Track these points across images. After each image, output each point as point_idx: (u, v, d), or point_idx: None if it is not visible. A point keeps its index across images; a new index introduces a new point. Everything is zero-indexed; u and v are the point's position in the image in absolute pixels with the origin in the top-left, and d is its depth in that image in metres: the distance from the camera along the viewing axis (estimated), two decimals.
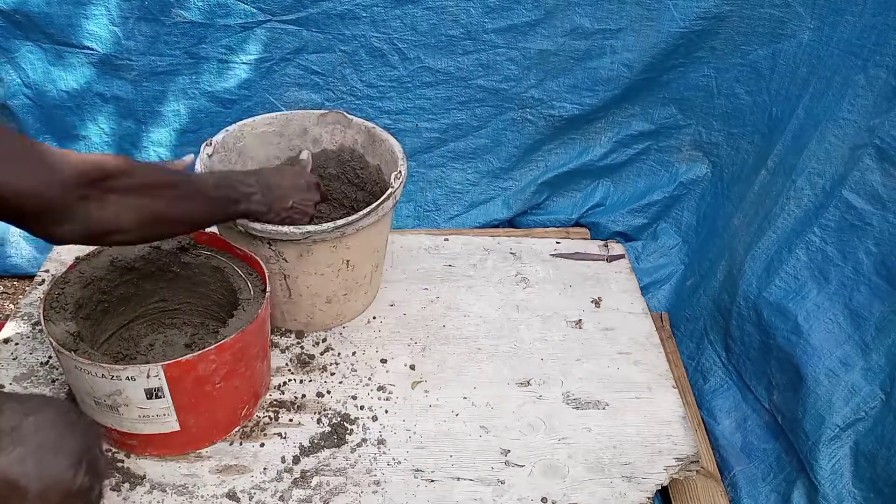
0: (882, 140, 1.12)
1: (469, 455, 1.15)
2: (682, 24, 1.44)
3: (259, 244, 1.18)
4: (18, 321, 1.32)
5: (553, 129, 1.64)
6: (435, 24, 1.49)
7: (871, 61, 1.17)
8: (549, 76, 1.56)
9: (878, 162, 1.13)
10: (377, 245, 1.28)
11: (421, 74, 1.56)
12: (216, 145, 1.31)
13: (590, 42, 1.51)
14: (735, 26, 1.44)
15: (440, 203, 1.73)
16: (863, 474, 1.08)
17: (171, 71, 1.54)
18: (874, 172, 1.13)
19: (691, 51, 1.49)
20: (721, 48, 1.48)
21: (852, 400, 1.12)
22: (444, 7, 1.47)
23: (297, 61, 1.55)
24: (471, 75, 1.56)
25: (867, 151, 1.14)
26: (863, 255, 1.15)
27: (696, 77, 1.54)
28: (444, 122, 1.63)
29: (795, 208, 1.29)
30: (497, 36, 1.51)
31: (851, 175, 1.17)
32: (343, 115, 1.39)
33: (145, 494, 1.05)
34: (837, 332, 1.18)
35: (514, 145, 1.67)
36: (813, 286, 1.23)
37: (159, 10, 1.45)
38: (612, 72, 1.53)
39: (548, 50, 1.52)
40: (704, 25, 1.44)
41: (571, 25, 1.49)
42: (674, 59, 1.51)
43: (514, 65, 1.55)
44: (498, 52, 1.53)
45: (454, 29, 1.50)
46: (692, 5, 1.42)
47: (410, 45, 1.52)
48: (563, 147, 1.68)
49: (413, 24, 1.49)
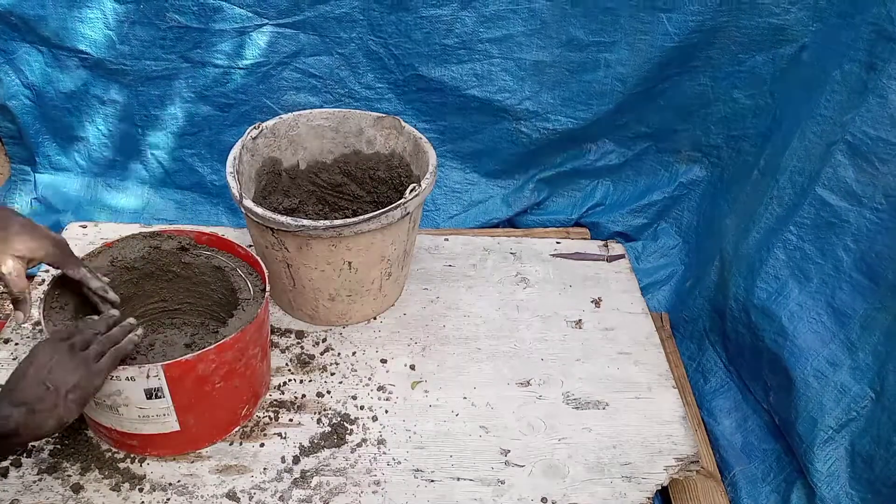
0: (853, 136, 1.11)
1: (469, 455, 1.15)
2: (677, 38, 1.42)
3: (265, 230, 1.20)
4: None
5: (547, 143, 1.62)
6: (429, 33, 1.48)
7: (846, 56, 1.16)
8: (545, 88, 1.55)
9: (849, 158, 1.12)
10: (385, 253, 1.27)
11: (415, 81, 1.55)
12: (265, 130, 1.33)
13: (584, 54, 1.49)
14: (731, 35, 1.42)
15: (440, 202, 1.73)
16: (860, 476, 1.07)
17: (167, 75, 1.54)
18: (847, 168, 1.13)
19: (687, 61, 1.48)
20: (717, 57, 1.46)
21: (843, 400, 1.11)
22: (438, 16, 1.45)
23: (294, 65, 1.54)
24: (465, 85, 1.54)
25: (839, 147, 1.14)
26: (842, 252, 1.14)
27: (691, 85, 1.52)
28: (442, 123, 1.63)
29: (777, 207, 1.28)
30: (492, 46, 1.49)
31: (824, 171, 1.16)
32: (398, 122, 1.39)
33: (145, 494, 1.05)
34: (822, 331, 1.17)
35: (509, 153, 1.66)
36: (794, 285, 1.22)
37: (154, 14, 1.44)
38: (605, 85, 1.52)
39: (543, 61, 1.51)
40: (700, 38, 1.42)
41: (567, 37, 1.47)
42: (669, 70, 1.50)
43: (509, 76, 1.53)
44: (493, 63, 1.52)
45: (448, 38, 1.48)
46: (687, 19, 1.40)
47: (405, 52, 1.51)
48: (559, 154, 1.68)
49: (407, 32, 1.48)
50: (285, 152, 1.40)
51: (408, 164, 1.41)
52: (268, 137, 1.36)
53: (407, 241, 1.32)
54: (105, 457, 1.09)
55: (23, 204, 1.72)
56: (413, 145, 1.38)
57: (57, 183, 1.71)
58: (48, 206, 1.70)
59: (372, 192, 1.47)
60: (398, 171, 1.42)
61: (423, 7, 1.44)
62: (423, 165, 1.32)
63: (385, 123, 1.41)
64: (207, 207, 1.74)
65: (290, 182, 1.44)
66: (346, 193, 1.48)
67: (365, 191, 1.48)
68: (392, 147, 1.43)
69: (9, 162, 1.74)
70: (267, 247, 1.24)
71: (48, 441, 1.10)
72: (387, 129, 1.42)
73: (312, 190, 1.47)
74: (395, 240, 1.27)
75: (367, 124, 1.43)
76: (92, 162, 1.70)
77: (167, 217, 1.72)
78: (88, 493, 1.04)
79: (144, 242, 1.18)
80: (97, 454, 1.09)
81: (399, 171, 1.42)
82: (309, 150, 1.44)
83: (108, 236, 1.45)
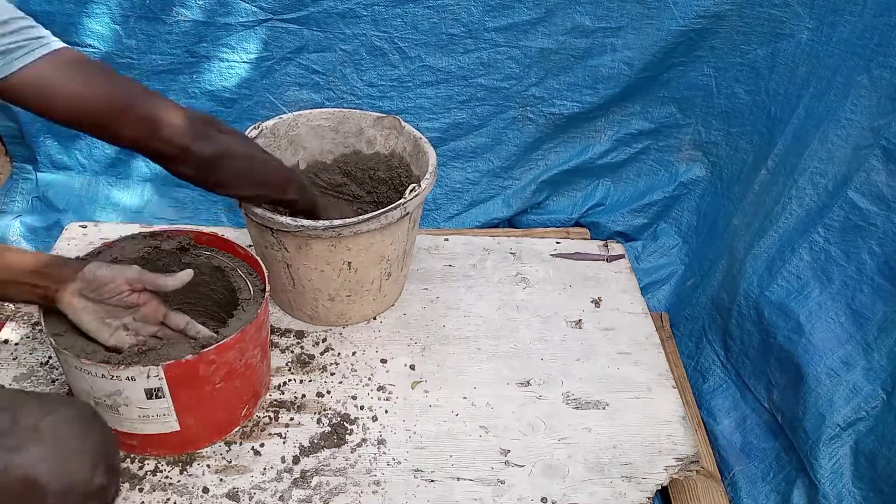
0: (889, 141, 1.12)
1: (469, 455, 1.15)
2: (682, 21, 1.44)
3: (265, 231, 1.19)
4: (18, 321, 1.32)
5: (554, 128, 1.64)
6: (436, 23, 1.49)
7: (875, 62, 1.17)
8: (550, 74, 1.56)
9: (884, 163, 1.13)
10: (384, 253, 1.27)
11: (421, 73, 1.56)
12: (264, 129, 1.33)
13: (590, 40, 1.51)
14: (734, 25, 1.44)
15: (440, 202, 1.73)
16: (863, 473, 1.08)
17: (173, 70, 1.54)
18: (880, 173, 1.13)
19: (691, 49, 1.49)
20: (720, 47, 1.48)
21: (853, 399, 1.12)
22: (444, 6, 1.47)
23: (297, 60, 1.55)
24: (471, 74, 1.56)
25: (873, 152, 1.14)
26: (866, 255, 1.15)
27: (695, 76, 1.54)
28: (445, 121, 1.63)
29: (797, 208, 1.29)
30: (498, 34, 1.51)
31: (857, 176, 1.16)
32: (398, 122, 1.39)
33: (145, 494, 1.05)
34: (839, 331, 1.18)
35: (514, 144, 1.67)
36: (815, 286, 1.23)
37: (160, 8, 1.45)
38: (612, 70, 1.53)
39: (549, 48, 1.52)
40: (704, 24, 1.44)
41: (572, 24, 1.49)
42: (673, 58, 1.51)
43: (515, 63, 1.55)
44: (499, 51, 1.53)
45: (455, 27, 1.50)
46: (692, 3, 1.42)
47: (411, 43, 1.52)
48: (563, 145, 1.69)
49: (414, 23, 1.49)
50: (285, 152, 1.40)
51: (408, 164, 1.41)
52: (267, 137, 1.35)
53: (406, 241, 1.32)
54: None
55: (24, 203, 1.73)
56: (413, 145, 1.38)
57: (58, 182, 1.71)
58: (49, 204, 1.70)
59: (372, 192, 1.47)
60: (398, 172, 1.42)
61: None
62: (423, 165, 1.32)
63: (385, 123, 1.41)
64: (207, 206, 1.74)
65: None
66: (345, 194, 1.48)
67: (365, 191, 1.47)
68: (392, 147, 1.43)
69: (10, 161, 1.74)
70: (266, 247, 1.24)
71: None
72: (387, 129, 1.42)
73: None
74: (395, 240, 1.27)
75: (367, 124, 1.43)
76: (93, 160, 1.70)
77: (167, 216, 1.72)
78: None
79: (144, 242, 1.18)
80: None
81: (399, 171, 1.42)
82: (309, 150, 1.44)
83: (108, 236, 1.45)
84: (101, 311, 1.00)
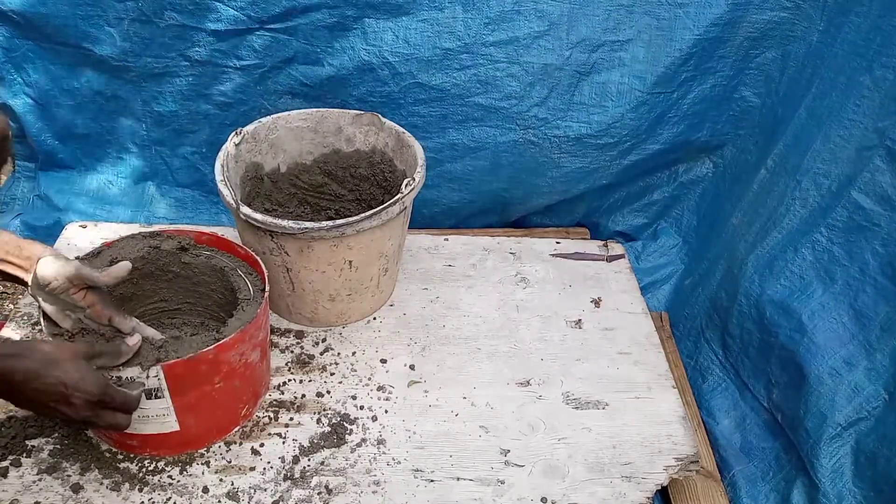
0: (894, 142, 1.12)
1: (469, 455, 1.15)
2: (695, 31, 1.39)
3: (263, 235, 1.19)
4: (18, 321, 1.32)
5: (559, 152, 1.54)
6: (429, 37, 1.42)
7: (877, 62, 1.17)
8: (554, 93, 1.47)
9: (888, 164, 1.13)
10: (383, 249, 1.27)
11: (413, 91, 1.48)
12: (245, 135, 1.32)
13: (597, 55, 1.43)
14: (745, 31, 1.40)
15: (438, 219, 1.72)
16: (863, 473, 1.08)
17: (168, 73, 1.53)
18: (884, 174, 1.13)
19: (703, 61, 1.43)
20: (731, 55, 1.43)
21: (855, 399, 1.12)
22: (438, 18, 1.40)
23: (288, 70, 1.51)
24: (468, 92, 1.47)
25: (877, 153, 1.14)
26: (869, 255, 1.15)
27: (706, 88, 1.47)
28: (440, 140, 1.55)
29: (801, 208, 1.29)
30: (497, 49, 1.42)
31: (861, 176, 1.16)
32: (377, 118, 1.39)
33: (145, 494, 1.05)
34: (842, 331, 1.18)
35: (515, 168, 1.58)
36: (818, 286, 1.23)
37: (153, 11, 1.44)
38: (622, 86, 1.45)
39: (552, 64, 1.44)
40: (716, 32, 1.39)
41: (577, 37, 1.41)
42: (685, 71, 1.45)
43: (516, 81, 1.46)
44: (498, 67, 1.44)
45: (450, 41, 1.42)
46: (703, 13, 1.38)
47: (402, 58, 1.44)
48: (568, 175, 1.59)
49: (406, 37, 1.42)
50: (266, 156, 1.39)
51: (390, 158, 1.40)
52: (249, 143, 1.34)
53: (402, 235, 1.33)
54: (105, 457, 1.09)
55: (25, 201, 1.73)
56: (396, 140, 1.38)
57: (59, 180, 1.71)
58: (49, 203, 1.70)
59: (354, 189, 1.46)
60: (381, 168, 1.42)
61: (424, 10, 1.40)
62: (409, 159, 1.32)
63: (364, 120, 1.41)
64: (207, 206, 1.74)
65: (272, 186, 1.43)
66: (327, 193, 1.47)
67: (346, 189, 1.47)
68: (373, 143, 1.42)
69: (12, 159, 1.74)
70: (265, 252, 1.23)
71: (48, 441, 1.10)
72: (366, 125, 1.41)
73: (294, 192, 1.46)
74: (393, 235, 1.28)
75: (346, 122, 1.42)
76: (94, 160, 1.70)
77: (167, 216, 1.72)
78: (88, 493, 1.04)
79: (144, 242, 1.18)
80: (97, 454, 1.09)
81: (382, 166, 1.41)
82: (288, 152, 1.42)
83: (107, 236, 1.45)
84: (59, 303, 1.03)
